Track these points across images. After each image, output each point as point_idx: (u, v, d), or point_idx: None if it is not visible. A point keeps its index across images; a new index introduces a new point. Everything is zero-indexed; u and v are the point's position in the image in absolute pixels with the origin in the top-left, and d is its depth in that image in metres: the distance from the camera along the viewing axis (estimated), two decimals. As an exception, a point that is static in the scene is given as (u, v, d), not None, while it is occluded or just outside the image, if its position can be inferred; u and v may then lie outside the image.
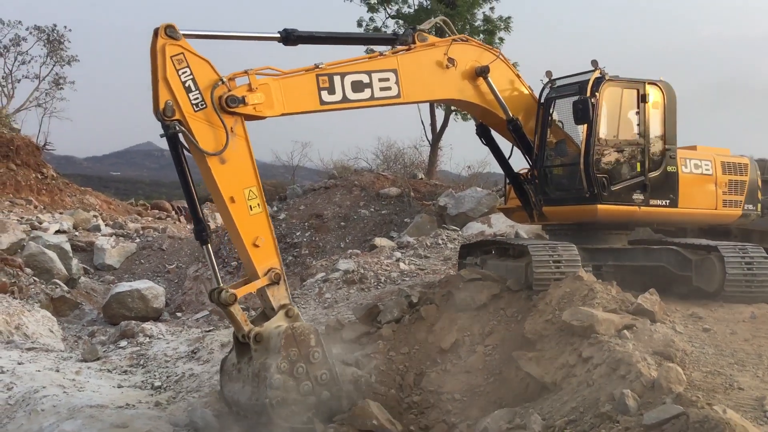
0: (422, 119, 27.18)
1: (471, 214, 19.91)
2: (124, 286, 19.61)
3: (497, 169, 13.14)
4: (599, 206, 10.93)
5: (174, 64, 8.28)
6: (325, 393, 8.50)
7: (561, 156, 11.69)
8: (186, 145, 8.52)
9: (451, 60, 10.44)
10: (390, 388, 9.56)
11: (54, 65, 41.42)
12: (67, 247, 22.05)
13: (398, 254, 16.80)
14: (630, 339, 7.84)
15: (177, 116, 8.31)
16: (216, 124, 8.52)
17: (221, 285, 8.60)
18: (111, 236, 26.70)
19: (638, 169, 11.22)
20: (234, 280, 20.97)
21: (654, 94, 11.37)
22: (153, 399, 10.91)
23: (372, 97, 9.68)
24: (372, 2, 27.16)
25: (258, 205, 8.74)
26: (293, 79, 9.22)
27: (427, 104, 26.85)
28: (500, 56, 11.18)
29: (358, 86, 9.55)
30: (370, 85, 9.64)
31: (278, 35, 9.54)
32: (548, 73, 11.89)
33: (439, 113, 27.18)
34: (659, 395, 5.93)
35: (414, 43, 10.23)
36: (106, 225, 29.02)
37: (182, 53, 8.35)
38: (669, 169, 11.40)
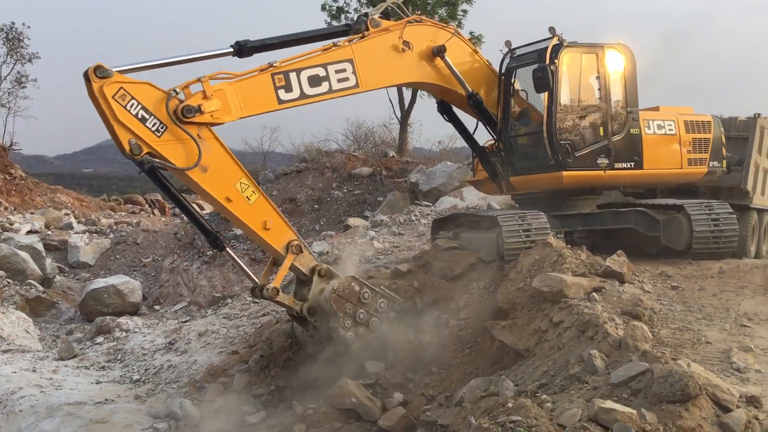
0: (390, 98, 27.13)
1: (443, 188, 19.93)
2: (99, 283, 19.43)
3: (463, 143, 13.14)
4: (564, 173, 10.97)
5: (119, 102, 8.15)
6: (391, 314, 9.60)
7: (525, 125, 11.71)
8: (162, 171, 8.58)
9: (406, 43, 10.34)
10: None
11: (15, 63, 40.62)
12: (40, 246, 21.78)
13: (372, 233, 16.80)
14: (599, 301, 7.94)
15: (145, 150, 8.27)
16: (183, 138, 8.46)
17: (258, 282, 9.41)
18: (84, 233, 26.37)
19: (601, 133, 11.25)
20: (212, 271, 20.99)
21: (613, 58, 11.39)
22: (132, 392, 10.89)
23: (330, 90, 9.61)
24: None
25: (253, 192, 8.93)
26: (248, 81, 9.10)
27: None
28: (456, 33, 11.11)
29: (315, 81, 9.46)
30: (327, 78, 9.56)
31: (231, 49, 9.42)
32: (507, 43, 11.85)
33: (407, 90, 27.04)
34: (626, 353, 6.01)
35: (367, 30, 10.09)
36: (78, 222, 28.66)
37: (120, 87, 8.18)
38: (632, 131, 11.45)
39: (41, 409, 9.93)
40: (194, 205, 9.38)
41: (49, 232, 25.90)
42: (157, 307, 19.56)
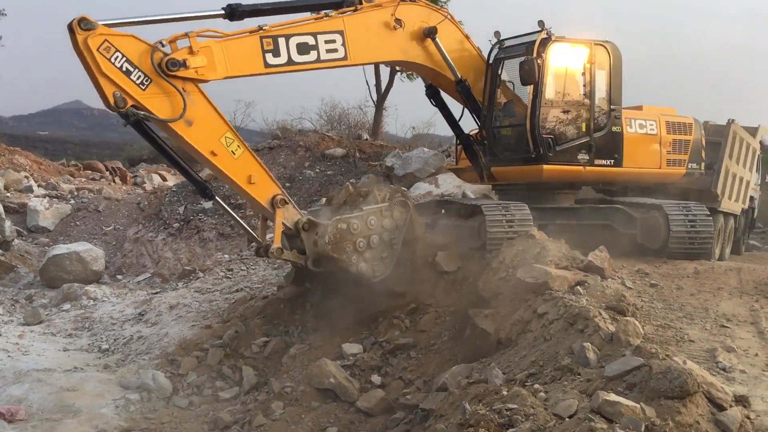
0: (367, 80, 26.97)
1: (418, 174, 19.93)
2: (61, 249, 18.95)
3: (441, 130, 13.24)
4: (544, 167, 11.08)
5: (103, 55, 8.07)
6: (384, 222, 9.89)
7: (509, 117, 11.77)
8: (149, 124, 8.56)
9: (398, 21, 10.31)
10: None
11: (-20, 21, 39.18)
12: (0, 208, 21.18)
13: (345, 214, 16.69)
14: (583, 294, 8.04)
15: (130, 102, 8.22)
16: (168, 91, 8.42)
17: (261, 240, 9.72)
18: (44, 197, 25.71)
19: (584, 129, 11.38)
20: (177, 243, 20.67)
21: (600, 55, 11.49)
22: (101, 362, 10.73)
23: (318, 60, 9.56)
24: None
25: (238, 146, 8.97)
26: (236, 41, 9.04)
27: (372, 64, 26.59)
28: (448, 16, 11.09)
29: (303, 48, 9.41)
30: (316, 47, 9.51)
31: (222, 12, 9.29)
32: (497, 34, 11.89)
33: (384, 73, 26.93)
34: (618, 348, 6.10)
35: (360, 4, 10.04)
36: (38, 186, 27.96)
37: (105, 40, 8.10)
38: (614, 129, 11.61)
39: (8, 374, 9.71)
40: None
41: (8, 194, 25.21)
42: (119, 277, 19.19)
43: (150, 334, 11.51)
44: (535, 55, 10.88)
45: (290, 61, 9.35)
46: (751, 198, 17.45)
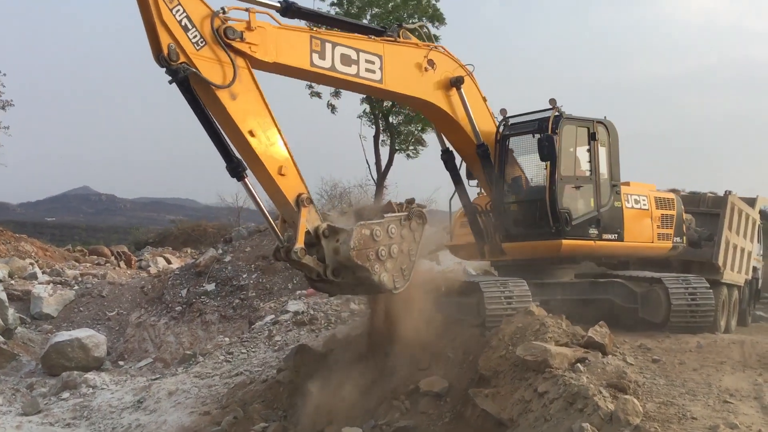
0: (367, 158, 27.31)
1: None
2: (63, 336, 18.87)
3: (442, 206, 13.20)
4: (564, 241, 11.11)
5: (166, 4, 7.90)
6: (403, 232, 9.44)
7: (521, 192, 11.80)
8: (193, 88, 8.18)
9: (431, 62, 10.49)
10: None
11: (-10, 111, 40.06)
12: (3, 296, 21.12)
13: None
14: (584, 372, 7.92)
15: (182, 59, 7.99)
16: (220, 59, 8.29)
17: (283, 241, 8.87)
18: (48, 284, 25.74)
19: (592, 204, 11.49)
20: (180, 327, 20.56)
21: (601, 132, 11.73)
22: (98, 452, 10.52)
23: (357, 75, 9.62)
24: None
25: (275, 134, 8.71)
26: (289, 32, 9.06)
27: (371, 143, 27.03)
28: (471, 75, 11.19)
29: (346, 60, 9.49)
30: (357, 62, 9.60)
31: (278, 4, 9.30)
32: (503, 111, 12.04)
33: (384, 152, 27.35)
34: (617, 427, 6.01)
35: (399, 37, 10.31)
36: (42, 272, 28.01)
37: None
38: (616, 204, 11.76)
39: (3, 468, 9.53)
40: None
41: (12, 282, 25.25)
42: (121, 363, 19.03)
43: (148, 422, 11.33)
44: (550, 131, 11.06)
45: (333, 68, 9.37)
46: (754, 268, 17.39)
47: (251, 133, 8.48)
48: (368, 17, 26.56)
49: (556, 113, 11.28)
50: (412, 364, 10.05)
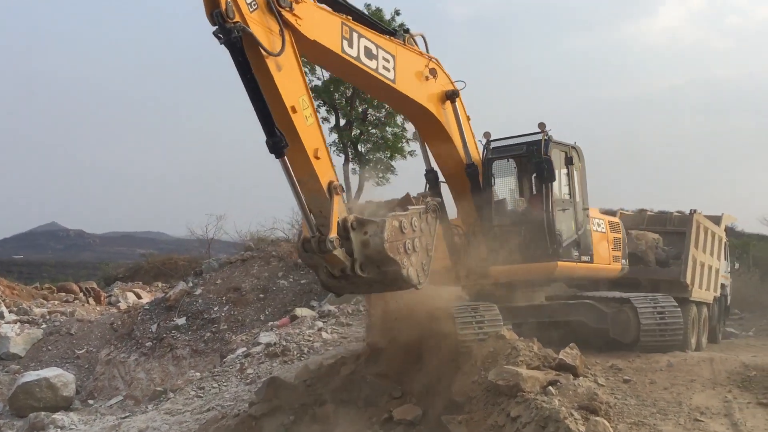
0: (337, 188, 27.23)
1: (391, 278, 19.82)
2: (31, 376, 18.47)
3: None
4: (559, 263, 11.15)
5: None
6: (423, 226, 9.25)
7: (511, 215, 11.75)
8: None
9: (433, 72, 10.45)
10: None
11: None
12: (-31, 338, 20.73)
13: (320, 323, 16.58)
14: (555, 395, 7.92)
15: (237, 18, 7.59)
16: (270, 27, 8.00)
17: (313, 232, 8.27)
18: (15, 323, 25.24)
19: (573, 227, 11.59)
20: (150, 363, 20.22)
21: (575, 157, 11.87)
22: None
23: (376, 70, 9.48)
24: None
25: (311, 114, 8.39)
26: (325, 13, 8.89)
27: (341, 170, 27.03)
28: (459, 95, 11.09)
29: (368, 53, 9.36)
30: (377, 57, 9.48)
31: None
32: (486, 134, 12.05)
33: (354, 181, 27.37)
34: (589, 450, 5.98)
35: (405, 42, 10.26)
36: (9, 311, 27.45)
37: None
38: (588, 227, 11.88)
39: None
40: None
41: (-22, 322, 24.70)
42: (91, 402, 18.65)
43: (118, 462, 11.08)
44: (543, 155, 11.14)
45: (359, 58, 9.19)
46: (723, 285, 17.62)
47: (293, 109, 8.13)
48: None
49: (545, 137, 11.37)
50: (385, 393, 9.96)
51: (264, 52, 7.85)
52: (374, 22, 10.34)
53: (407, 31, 10.76)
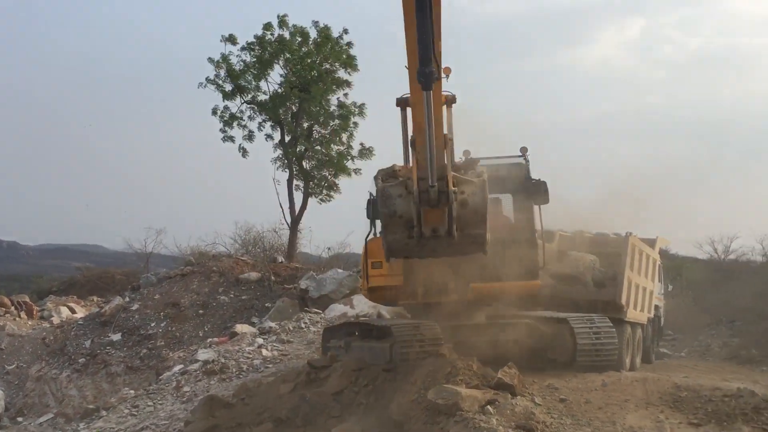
0: (281, 202, 27.08)
1: (333, 296, 19.83)
2: (-45, 393, 17.78)
3: (357, 249, 13.03)
4: (539, 282, 11.31)
5: None
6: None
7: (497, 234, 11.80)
8: None
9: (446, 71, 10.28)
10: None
11: None
12: None
13: (260, 340, 16.39)
14: (493, 414, 8.01)
15: None
16: None
17: (434, 183, 7.92)
18: (-59, 337, 24.24)
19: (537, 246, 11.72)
20: (83, 380, 19.67)
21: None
22: None
23: None
24: (226, 90, 26.92)
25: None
26: None
27: (285, 186, 26.91)
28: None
29: None
30: None
31: None
32: (466, 153, 12.08)
33: (297, 197, 27.24)
34: (525, 469, 6.03)
35: None
36: (-66, 325, 26.34)
37: None
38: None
39: None
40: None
41: None
42: (20, 419, 18.06)
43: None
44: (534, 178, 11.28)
45: None
46: (656, 307, 18.06)
47: (440, 53, 7.49)
48: (281, 62, 26.67)
49: (525, 161, 11.52)
50: (324, 411, 9.88)
51: None
52: None
53: None
